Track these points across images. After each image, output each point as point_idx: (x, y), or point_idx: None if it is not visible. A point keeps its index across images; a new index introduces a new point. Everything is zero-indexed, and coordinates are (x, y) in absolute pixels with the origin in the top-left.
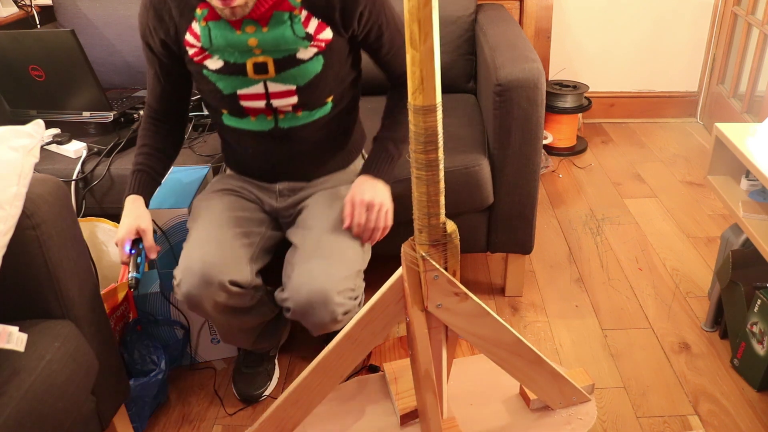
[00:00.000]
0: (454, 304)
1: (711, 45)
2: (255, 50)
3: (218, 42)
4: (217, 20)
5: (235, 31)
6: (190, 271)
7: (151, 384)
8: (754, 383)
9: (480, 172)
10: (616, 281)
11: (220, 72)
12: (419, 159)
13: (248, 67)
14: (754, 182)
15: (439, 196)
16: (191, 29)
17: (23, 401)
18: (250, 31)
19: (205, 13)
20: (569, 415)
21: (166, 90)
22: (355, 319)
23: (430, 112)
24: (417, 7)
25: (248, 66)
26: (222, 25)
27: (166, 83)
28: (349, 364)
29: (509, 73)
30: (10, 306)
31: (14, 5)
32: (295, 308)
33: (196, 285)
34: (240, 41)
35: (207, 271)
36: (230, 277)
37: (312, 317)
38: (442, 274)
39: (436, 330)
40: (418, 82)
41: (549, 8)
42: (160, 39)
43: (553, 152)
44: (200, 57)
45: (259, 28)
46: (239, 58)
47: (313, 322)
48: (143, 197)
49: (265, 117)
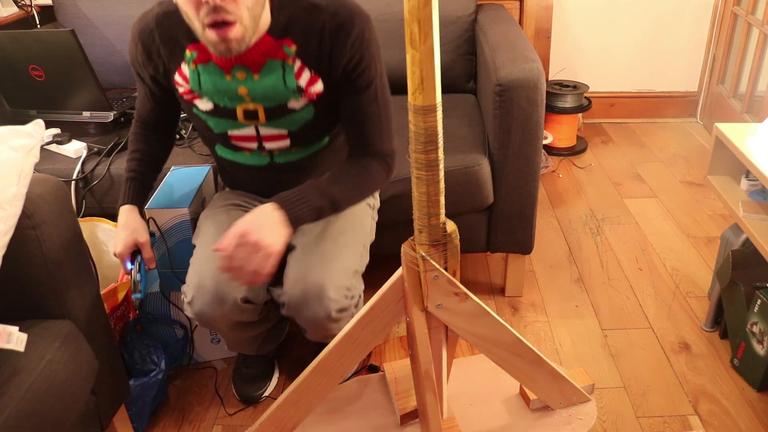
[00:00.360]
0: (454, 304)
1: (711, 45)
2: (245, 98)
3: (207, 87)
4: (206, 63)
5: (225, 77)
6: (202, 288)
7: (151, 384)
8: (754, 383)
9: (480, 171)
10: (616, 281)
11: (210, 113)
12: (419, 159)
13: (238, 112)
14: (754, 182)
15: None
16: (180, 70)
17: (23, 401)
18: (241, 78)
19: (195, 56)
20: (569, 415)
21: (156, 109)
22: (355, 319)
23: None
24: (417, 7)
25: (238, 112)
26: (211, 70)
27: (156, 104)
28: (349, 364)
29: (509, 73)
30: (10, 306)
31: (14, 5)
32: (289, 302)
33: (209, 302)
34: (230, 88)
35: (221, 288)
36: (243, 295)
37: (306, 311)
38: (442, 274)
39: (436, 330)
40: (418, 82)
41: (549, 8)
42: (149, 74)
43: (553, 152)
44: (190, 96)
45: (250, 76)
46: (229, 104)
47: (307, 317)
48: (138, 206)
49: (260, 153)
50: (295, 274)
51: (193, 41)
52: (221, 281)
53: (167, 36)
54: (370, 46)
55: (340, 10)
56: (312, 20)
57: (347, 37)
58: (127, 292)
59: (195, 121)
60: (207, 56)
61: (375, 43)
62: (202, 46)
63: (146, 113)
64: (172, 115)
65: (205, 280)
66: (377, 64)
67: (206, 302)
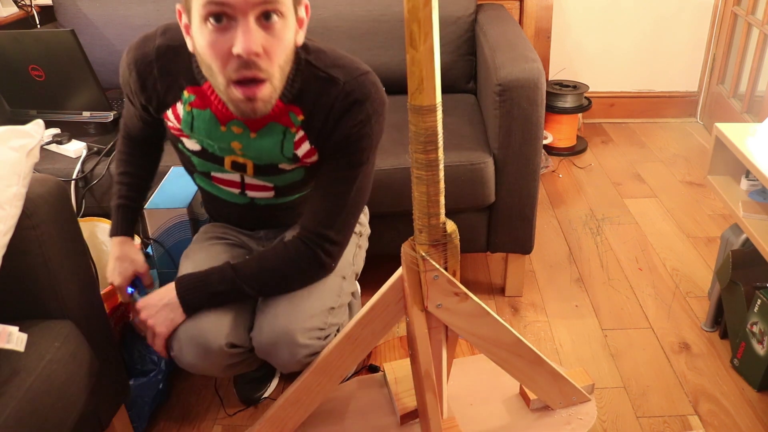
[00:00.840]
0: (454, 304)
1: (711, 45)
2: (237, 151)
3: (200, 132)
4: (203, 110)
5: (219, 127)
6: (186, 341)
7: (151, 384)
8: (754, 383)
9: (485, 169)
10: (616, 281)
11: (196, 153)
12: (419, 159)
13: (226, 162)
14: (754, 182)
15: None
16: (174, 108)
17: (23, 401)
18: (236, 132)
19: (192, 99)
20: (569, 415)
21: (146, 129)
22: (355, 319)
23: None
24: (417, 7)
25: (226, 161)
26: (207, 117)
27: (146, 125)
28: (349, 364)
29: (509, 73)
30: (10, 306)
31: (14, 5)
32: (257, 346)
33: (196, 354)
34: (223, 139)
35: (204, 338)
36: (227, 340)
37: (275, 358)
38: (442, 274)
39: (436, 330)
40: (417, 82)
41: (549, 8)
42: (140, 102)
43: (553, 152)
44: (178, 133)
45: (246, 133)
46: (218, 152)
47: (276, 362)
48: (131, 236)
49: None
50: (263, 318)
51: (193, 84)
52: (203, 330)
53: (166, 71)
54: (371, 134)
55: (355, 91)
56: (325, 93)
57: (352, 118)
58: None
59: (178, 153)
60: (205, 104)
61: (378, 132)
62: (202, 90)
63: (135, 131)
64: (162, 132)
65: (188, 331)
66: (370, 153)
67: (193, 354)
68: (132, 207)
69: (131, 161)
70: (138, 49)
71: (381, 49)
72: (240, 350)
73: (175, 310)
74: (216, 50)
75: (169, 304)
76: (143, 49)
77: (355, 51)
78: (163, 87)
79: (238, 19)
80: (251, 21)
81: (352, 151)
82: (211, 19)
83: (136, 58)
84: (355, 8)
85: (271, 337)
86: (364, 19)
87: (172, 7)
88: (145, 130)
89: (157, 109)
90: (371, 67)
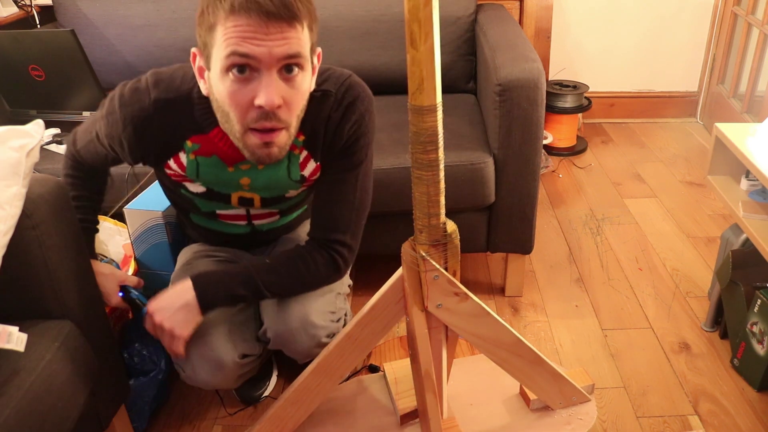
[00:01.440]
0: (454, 304)
1: (711, 45)
2: (244, 187)
3: (207, 177)
4: (208, 156)
5: (226, 169)
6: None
7: (151, 384)
8: (754, 383)
9: (485, 169)
10: (616, 281)
11: (200, 195)
12: (419, 159)
13: (233, 198)
14: (754, 182)
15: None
16: (177, 158)
17: (23, 401)
18: (244, 169)
19: (196, 148)
20: (569, 415)
21: (108, 164)
22: (355, 319)
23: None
24: (417, 7)
25: (233, 198)
26: (213, 162)
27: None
28: (349, 364)
29: (509, 73)
30: (10, 306)
31: (14, 5)
32: (275, 337)
33: (210, 371)
34: (231, 179)
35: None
36: (240, 352)
37: (294, 344)
38: (442, 274)
39: (436, 330)
40: (418, 82)
41: (549, 8)
42: (134, 158)
43: (553, 152)
44: (181, 179)
45: (254, 167)
46: (225, 190)
47: (295, 350)
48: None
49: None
50: (276, 312)
51: (198, 132)
52: (216, 348)
53: (166, 125)
54: (367, 132)
55: (345, 96)
56: (321, 109)
57: (348, 121)
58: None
59: (178, 198)
60: (210, 150)
61: (372, 128)
62: (207, 138)
63: (93, 163)
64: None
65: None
66: (367, 149)
67: (207, 372)
68: (93, 229)
69: (84, 185)
70: (133, 105)
71: (381, 49)
72: (251, 359)
73: (193, 310)
74: (237, 100)
75: (187, 305)
76: (139, 105)
77: (355, 51)
78: (162, 141)
79: (261, 71)
80: (274, 74)
81: (352, 152)
82: (234, 70)
83: (133, 114)
84: (355, 8)
85: (288, 325)
86: (363, 19)
87: (172, 7)
88: (104, 165)
89: (155, 161)
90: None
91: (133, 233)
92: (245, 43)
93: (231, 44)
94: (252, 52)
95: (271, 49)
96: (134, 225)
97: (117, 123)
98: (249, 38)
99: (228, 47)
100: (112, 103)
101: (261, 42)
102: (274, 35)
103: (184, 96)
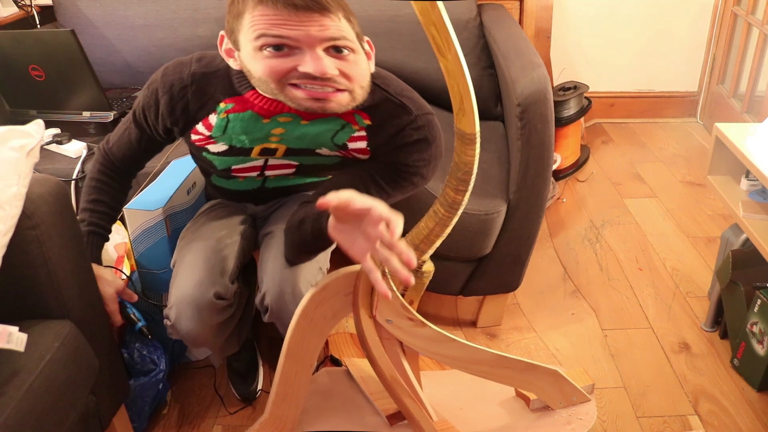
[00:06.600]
0: (409, 327)
1: (711, 45)
2: (271, 138)
3: (234, 132)
4: (242, 112)
5: (261, 120)
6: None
7: (151, 384)
8: (754, 383)
9: (496, 219)
10: (616, 281)
11: (220, 154)
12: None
13: (254, 151)
14: (754, 182)
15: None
16: (206, 120)
17: (23, 401)
18: (282, 121)
19: (229, 107)
20: (569, 415)
21: (138, 154)
22: (309, 293)
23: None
24: (426, 9)
25: (255, 150)
26: (246, 116)
27: (141, 150)
28: (311, 348)
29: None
30: (10, 306)
31: (14, 5)
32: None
33: (191, 316)
34: (263, 129)
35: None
36: (214, 290)
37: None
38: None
39: (389, 342)
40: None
41: (549, 8)
42: (163, 125)
43: (560, 176)
44: (204, 142)
45: (296, 120)
46: (247, 144)
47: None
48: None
49: (253, 179)
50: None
51: (233, 95)
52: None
53: (201, 92)
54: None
55: (425, 128)
56: (396, 116)
57: (416, 152)
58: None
59: (198, 159)
60: (246, 107)
61: (430, 177)
62: (242, 99)
63: (123, 158)
64: (145, 162)
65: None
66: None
67: (188, 317)
68: (103, 236)
69: (107, 191)
70: (172, 75)
71: (395, 51)
72: (225, 303)
73: None
74: (275, 69)
75: None
76: (177, 75)
77: None
78: (196, 105)
79: (303, 49)
80: (319, 51)
81: (402, 178)
82: (270, 48)
83: (171, 83)
84: (365, 8)
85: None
86: (376, 20)
87: (172, 7)
88: (135, 159)
89: (182, 129)
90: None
91: (133, 233)
92: (275, 28)
93: (258, 29)
94: (286, 34)
95: (308, 31)
96: (134, 225)
97: (156, 91)
98: (279, 24)
99: (255, 31)
100: (156, 74)
101: (295, 27)
102: (307, 22)
103: (223, 69)
